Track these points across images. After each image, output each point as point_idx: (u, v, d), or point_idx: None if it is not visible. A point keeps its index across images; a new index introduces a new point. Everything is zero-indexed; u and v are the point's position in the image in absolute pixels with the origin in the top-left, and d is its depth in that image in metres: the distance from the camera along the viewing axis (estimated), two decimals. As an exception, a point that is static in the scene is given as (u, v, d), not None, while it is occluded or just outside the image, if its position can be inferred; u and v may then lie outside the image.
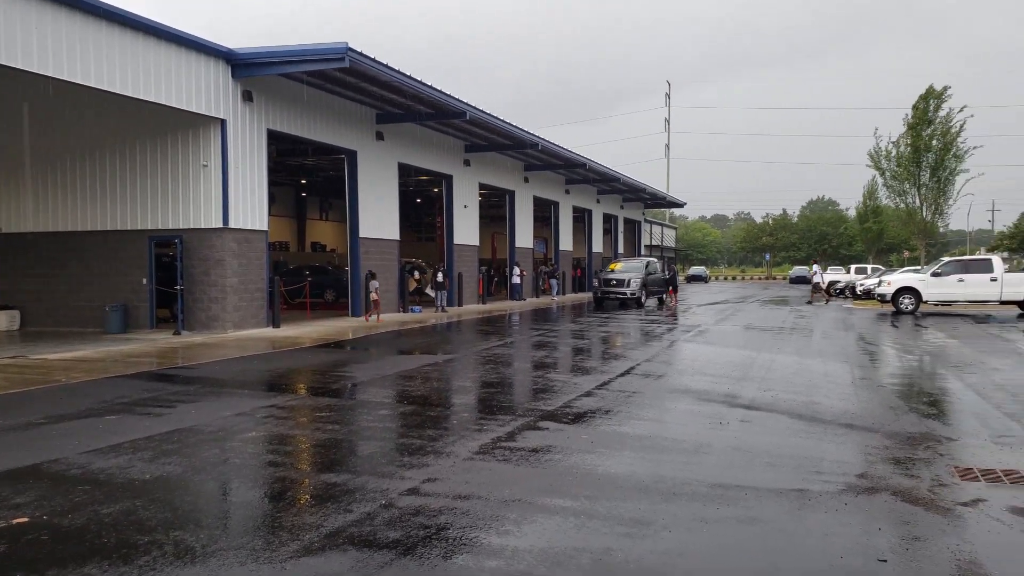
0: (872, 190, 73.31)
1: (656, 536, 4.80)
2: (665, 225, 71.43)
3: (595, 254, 45.61)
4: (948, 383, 11.19)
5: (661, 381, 11.23)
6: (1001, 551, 4.57)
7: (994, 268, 25.03)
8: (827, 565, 4.34)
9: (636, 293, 29.44)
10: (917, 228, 45.20)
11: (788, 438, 7.63)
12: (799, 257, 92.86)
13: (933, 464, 6.54)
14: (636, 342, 17.03)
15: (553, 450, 6.92)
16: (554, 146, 30.96)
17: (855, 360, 13.70)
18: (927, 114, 42.10)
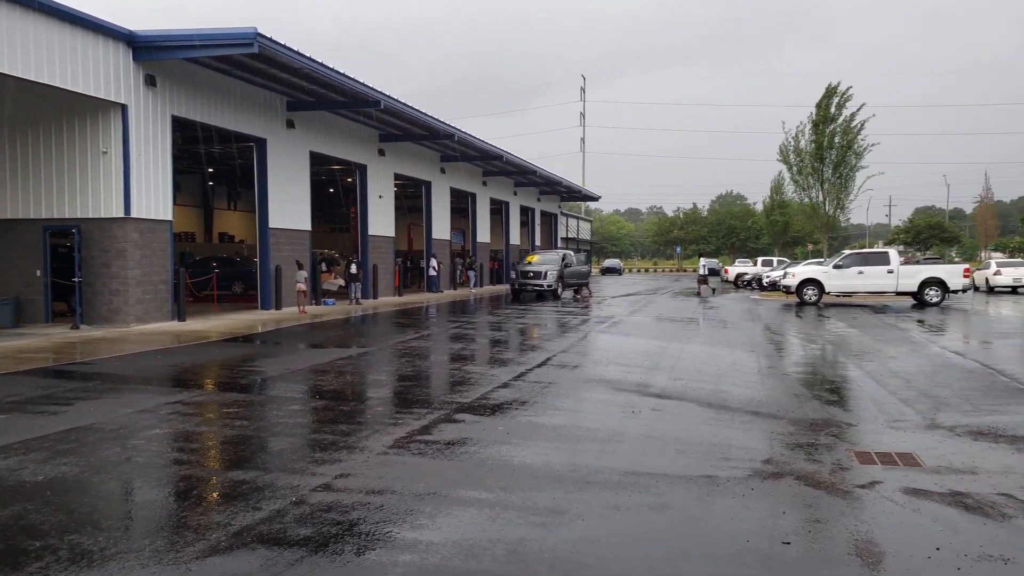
0: (778, 185, 75.86)
1: (570, 525, 4.84)
2: (581, 218, 72.15)
3: (512, 246, 45.77)
4: (848, 371, 11.67)
5: (576, 371, 11.34)
6: (895, 530, 4.78)
7: (891, 261, 26.25)
8: (735, 549, 4.46)
9: (553, 285, 29.66)
10: (820, 222, 46.94)
11: (698, 425, 7.81)
12: (709, 250, 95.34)
13: (834, 449, 6.80)
14: (552, 333, 17.16)
15: (469, 442, 6.89)
16: (471, 137, 30.88)
17: (761, 349, 14.14)
18: (830, 112, 43.76)
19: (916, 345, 14.76)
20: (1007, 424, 7.74)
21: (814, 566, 4.21)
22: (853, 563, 4.24)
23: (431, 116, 26.74)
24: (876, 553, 4.38)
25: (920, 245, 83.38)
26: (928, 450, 6.70)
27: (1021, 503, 5.25)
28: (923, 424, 7.79)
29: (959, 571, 4.14)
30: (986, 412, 8.35)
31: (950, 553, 4.37)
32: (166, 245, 18.23)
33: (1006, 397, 9.28)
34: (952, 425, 7.71)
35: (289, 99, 22.78)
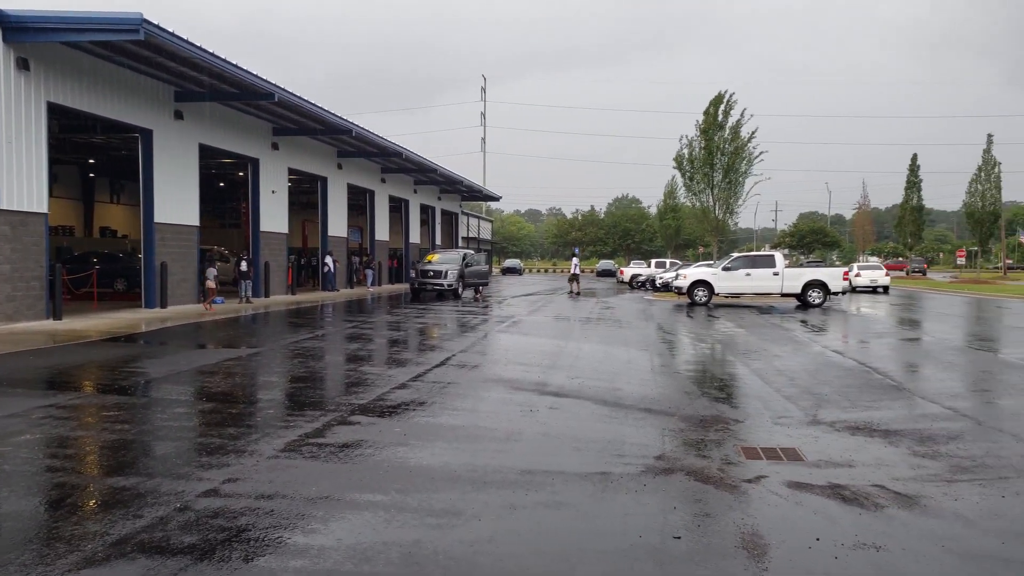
0: (672, 189, 78.23)
1: (466, 525, 4.81)
2: (482, 218, 72.36)
3: (412, 245, 45.42)
4: (736, 369, 12.09)
5: (475, 371, 11.33)
6: (778, 522, 4.97)
7: (776, 264, 27.41)
8: (627, 544, 4.53)
9: (453, 284, 29.59)
10: (711, 225, 48.63)
11: (593, 423, 7.92)
12: (606, 251, 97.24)
13: (722, 445, 7.01)
14: (452, 333, 17.10)
15: (364, 444, 6.77)
16: (369, 133, 30.44)
17: (655, 348, 14.50)
18: (717, 119, 45.39)
19: (799, 344, 15.43)
20: (881, 419, 8.18)
21: (703, 560, 4.33)
22: (740, 556, 4.38)
23: (328, 110, 26.21)
24: (761, 545, 4.54)
25: (804, 249, 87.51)
26: (810, 445, 7.01)
27: (893, 494, 5.54)
28: (806, 420, 8.14)
29: (836, 560, 4.33)
30: (863, 408, 8.80)
31: (829, 543, 4.57)
32: (40, 239, 17.19)
33: (880, 394, 9.81)
34: (832, 421, 8.09)
35: (178, 89, 21.88)
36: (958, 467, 6.30)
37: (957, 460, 6.52)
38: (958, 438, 7.32)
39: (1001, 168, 60.39)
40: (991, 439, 7.31)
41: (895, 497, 5.46)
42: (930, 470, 6.20)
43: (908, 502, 5.36)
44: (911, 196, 67.55)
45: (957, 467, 6.30)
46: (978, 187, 60.88)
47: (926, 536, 4.72)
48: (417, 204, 46.45)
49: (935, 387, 10.40)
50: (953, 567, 4.28)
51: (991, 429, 7.76)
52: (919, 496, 5.50)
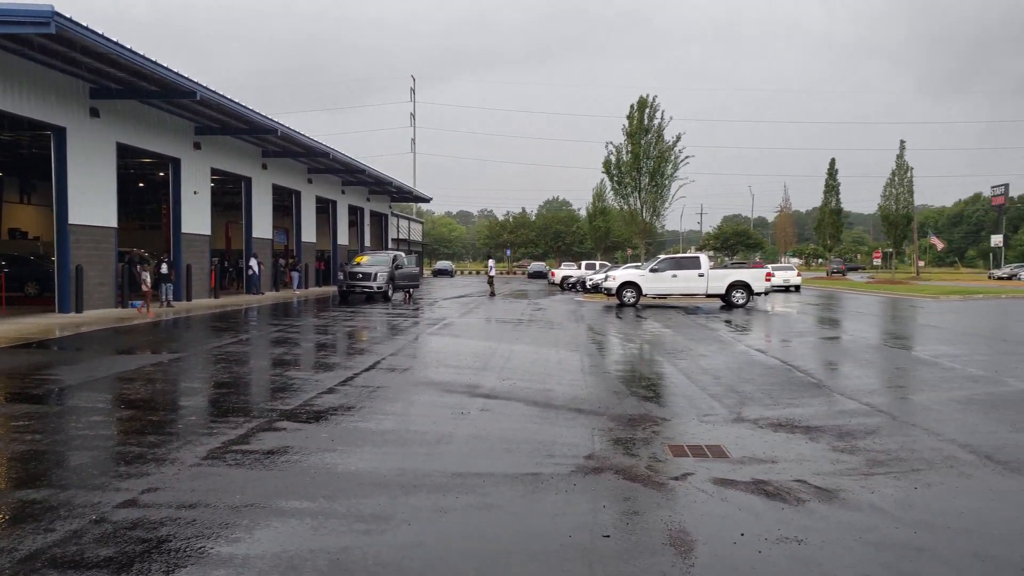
0: (601, 192, 79.04)
1: (395, 530, 4.75)
2: (412, 219, 71.85)
3: (340, 246, 44.81)
4: (663, 368, 12.29)
5: (406, 375, 11.23)
6: (704, 518, 5.06)
7: (701, 265, 27.99)
8: (557, 545, 4.55)
9: (383, 287, 29.28)
10: (638, 228, 49.32)
11: (524, 424, 7.94)
12: (537, 253, 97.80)
13: (650, 443, 7.11)
14: (382, 336, 16.93)
15: (291, 451, 6.63)
16: (295, 133, 29.92)
17: (585, 349, 14.63)
18: (643, 123, 46.12)
19: (724, 344, 15.78)
20: (802, 416, 8.43)
21: (631, 558, 4.37)
22: (667, 552, 4.44)
23: (252, 109, 25.66)
24: (688, 542, 4.61)
25: (728, 251, 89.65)
26: (734, 442, 7.16)
27: (814, 488, 5.71)
28: (730, 418, 8.32)
29: (760, 554, 4.43)
30: (784, 405, 9.04)
31: (753, 537, 4.68)
32: (-55, 241, 16.34)
33: (801, 391, 10.10)
34: (756, 418, 8.29)
35: (93, 86, 21.08)
36: (874, 461, 6.52)
37: (873, 454, 6.75)
38: (874, 433, 7.58)
39: (913, 173, 62.99)
40: (905, 433, 7.60)
41: (816, 491, 5.63)
42: (848, 464, 6.41)
43: (828, 496, 5.53)
44: (830, 199, 69.74)
45: (873, 461, 6.52)
46: (892, 191, 63.29)
47: (844, 528, 4.87)
48: (345, 205, 45.84)
49: (853, 384, 10.76)
50: (869, 557, 4.43)
51: (905, 424, 8.06)
52: (838, 490, 5.67)
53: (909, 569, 4.28)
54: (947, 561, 4.38)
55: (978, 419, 8.27)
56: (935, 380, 11.00)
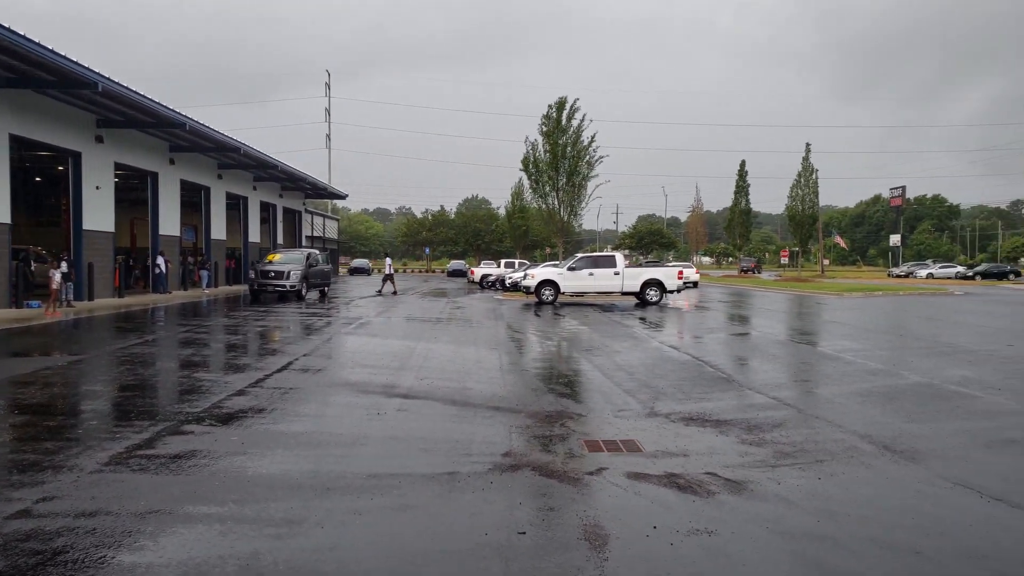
0: (519, 191, 79.49)
1: (308, 534, 4.65)
2: (327, 216, 70.60)
3: (252, 244, 43.68)
4: (580, 365, 12.42)
5: (320, 375, 11.02)
6: (618, 512, 5.13)
7: (617, 264, 28.44)
8: (473, 543, 4.53)
9: (296, 285, 28.68)
10: (556, 227, 49.81)
11: (442, 423, 7.89)
12: (457, 251, 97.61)
13: (567, 439, 7.18)
14: (295, 336, 16.58)
15: (198, 455, 6.42)
16: (205, 127, 29.00)
17: (504, 347, 14.66)
18: (561, 123, 46.60)
19: (638, 340, 16.06)
20: (712, 410, 8.65)
21: (547, 553, 4.40)
22: (582, 547, 4.48)
23: (159, 103, 24.75)
24: (602, 536, 4.67)
25: (643, 249, 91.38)
26: (648, 436, 7.29)
27: (723, 480, 5.86)
28: (644, 412, 8.47)
29: (672, 546, 4.52)
30: (696, 400, 9.26)
31: (665, 530, 4.77)
32: None
33: (711, 385, 10.37)
34: (668, 412, 8.46)
35: (-15, 74, 19.96)
36: (781, 453, 6.74)
37: (780, 446, 6.98)
38: (781, 426, 7.84)
39: (818, 174, 65.56)
40: (810, 426, 7.88)
41: (725, 483, 5.78)
42: (757, 457, 6.61)
43: (737, 488, 5.68)
44: (740, 200, 71.97)
45: (780, 453, 6.74)
46: (798, 192, 65.75)
47: (753, 519, 5.02)
48: (257, 202, 44.72)
49: (761, 378, 11.11)
50: (776, 546, 4.57)
51: (810, 416, 8.36)
52: (747, 481, 5.84)
53: (813, 556, 4.43)
54: (848, 548, 4.56)
55: (877, 411, 8.65)
56: (838, 374, 11.45)
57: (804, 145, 67.73)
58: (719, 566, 4.28)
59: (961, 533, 4.82)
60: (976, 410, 8.70)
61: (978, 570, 4.26)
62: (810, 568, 4.27)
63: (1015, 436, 7.40)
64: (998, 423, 8.02)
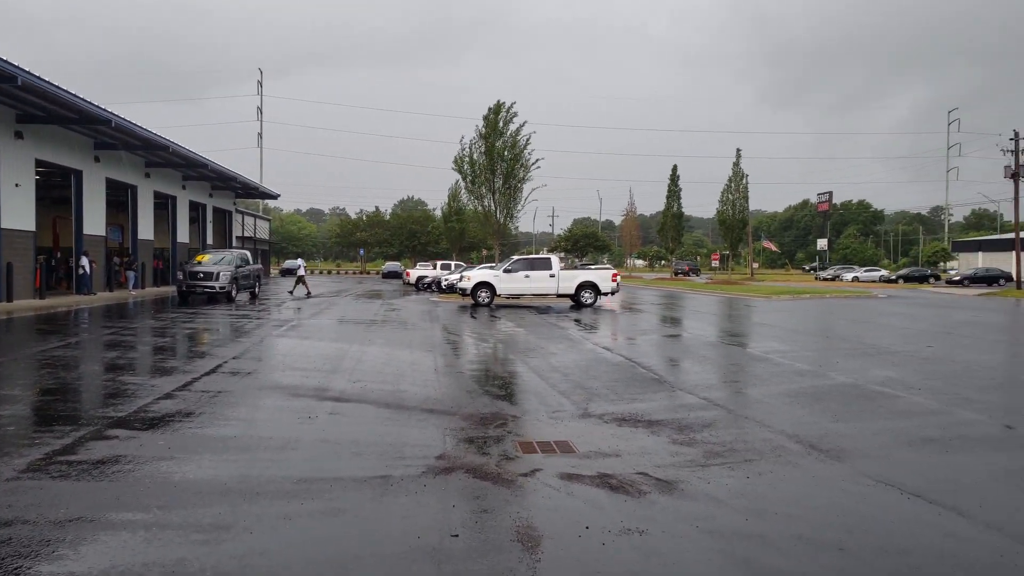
0: (456, 193, 79.33)
1: (236, 539, 4.56)
2: (259, 216, 69.29)
3: (181, 244, 42.58)
4: (515, 367, 12.46)
5: (250, 378, 10.81)
6: (551, 513, 5.17)
7: (552, 266, 28.63)
8: (406, 547, 4.50)
9: (226, 287, 28.07)
10: (493, 229, 49.88)
11: (375, 427, 7.82)
12: (392, 253, 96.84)
13: (501, 441, 7.19)
14: (225, 339, 16.22)
15: (123, 460, 6.23)
16: (132, 125, 28.16)
17: (439, 349, 14.61)
18: (498, 126, 46.72)
19: (573, 342, 16.19)
20: (644, 410, 8.77)
21: (480, 556, 4.40)
22: (515, 549, 4.50)
23: (84, 98, 23.94)
24: (535, 537, 4.69)
25: (578, 252, 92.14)
26: (581, 437, 7.36)
27: (655, 480, 5.95)
28: (578, 413, 8.55)
29: (604, 546, 4.57)
30: (628, 400, 9.38)
31: (597, 530, 4.81)
32: None
33: (644, 386, 10.52)
34: (601, 413, 8.55)
35: None
36: (711, 452, 6.88)
37: (710, 446, 7.12)
38: (711, 426, 8.00)
39: (749, 179, 67.19)
40: (739, 426, 8.06)
41: (656, 483, 5.87)
42: (687, 456, 6.73)
43: (668, 487, 5.78)
44: (672, 204, 73.21)
45: (710, 452, 6.88)
46: (729, 196, 67.29)
47: (683, 518, 5.11)
48: (186, 201, 43.62)
49: (692, 379, 11.32)
50: (706, 545, 4.66)
51: (739, 416, 8.55)
52: (677, 481, 5.94)
53: (742, 555, 4.53)
54: (775, 545, 4.68)
55: (804, 411, 8.90)
56: (766, 375, 11.74)
57: (735, 151, 69.33)
58: (650, 565, 4.35)
59: (883, 530, 4.99)
60: (898, 410, 9.02)
61: (898, 565, 4.42)
62: (739, 566, 4.37)
63: (933, 435, 7.69)
64: (918, 422, 8.33)
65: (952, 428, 7.97)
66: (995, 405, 9.40)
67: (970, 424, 8.19)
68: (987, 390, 10.45)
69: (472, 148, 47.83)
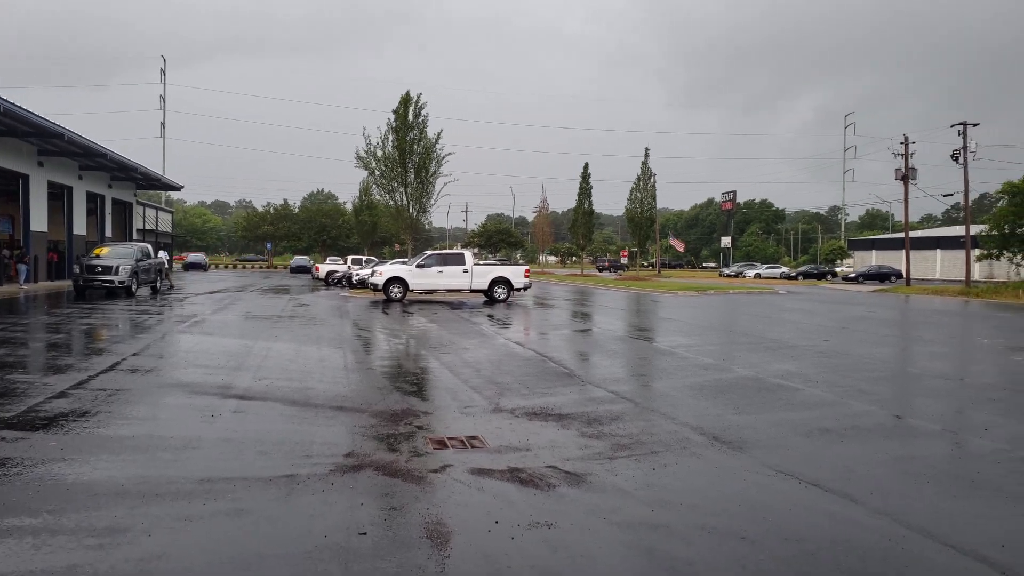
0: (367, 186, 78.27)
1: (134, 543, 4.39)
2: (161, 208, 66.73)
3: (77, 237, 40.62)
4: (428, 363, 12.40)
5: (150, 376, 10.41)
6: (461, 509, 5.17)
7: (466, 261, 28.62)
8: (312, 546, 4.43)
9: (126, 281, 26.95)
10: (405, 224, 49.41)
11: (281, 425, 7.65)
12: (300, 247, 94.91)
13: (412, 437, 7.14)
14: (124, 335, 15.58)
15: (10, 463, 5.91)
16: (21, 110, 26.68)
17: (349, 345, 14.40)
18: (408, 119, 46.30)
19: (486, 337, 16.23)
20: (555, 404, 8.87)
21: (387, 553, 4.36)
22: (424, 546, 4.48)
23: (-31, 80, 22.54)
24: (444, 533, 4.68)
25: (491, 248, 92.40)
26: (492, 432, 7.38)
27: (564, 473, 6.02)
28: (489, 408, 8.57)
29: (513, 540, 4.60)
30: (539, 395, 9.47)
31: (507, 525, 4.84)
32: None
33: (554, 380, 10.63)
34: (513, 408, 8.60)
35: None
36: (619, 445, 7.01)
37: (618, 439, 7.25)
38: (619, 419, 8.15)
39: (657, 178, 68.64)
40: (645, 419, 8.24)
41: (565, 476, 5.94)
42: (595, 449, 6.84)
43: (576, 480, 5.86)
44: (583, 201, 74.04)
45: (618, 445, 7.01)
46: (637, 195, 68.53)
47: (591, 511, 5.19)
48: (83, 192, 41.64)
49: (601, 373, 11.51)
50: (612, 536, 4.75)
51: (646, 409, 8.75)
52: (586, 474, 6.03)
53: (648, 545, 4.63)
54: (680, 535, 4.80)
55: (708, 403, 9.16)
56: (672, 368, 12.04)
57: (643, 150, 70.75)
58: (558, 558, 4.40)
59: (781, 518, 5.18)
60: (796, 401, 9.39)
61: (795, 552, 4.60)
62: (644, 556, 4.47)
63: (829, 425, 8.04)
64: (815, 413, 8.69)
65: (846, 419, 8.35)
66: (886, 396, 9.90)
67: (863, 415, 8.60)
68: (879, 382, 10.99)
69: (384, 141, 47.25)
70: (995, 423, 8.21)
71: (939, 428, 8.00)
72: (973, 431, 7.88)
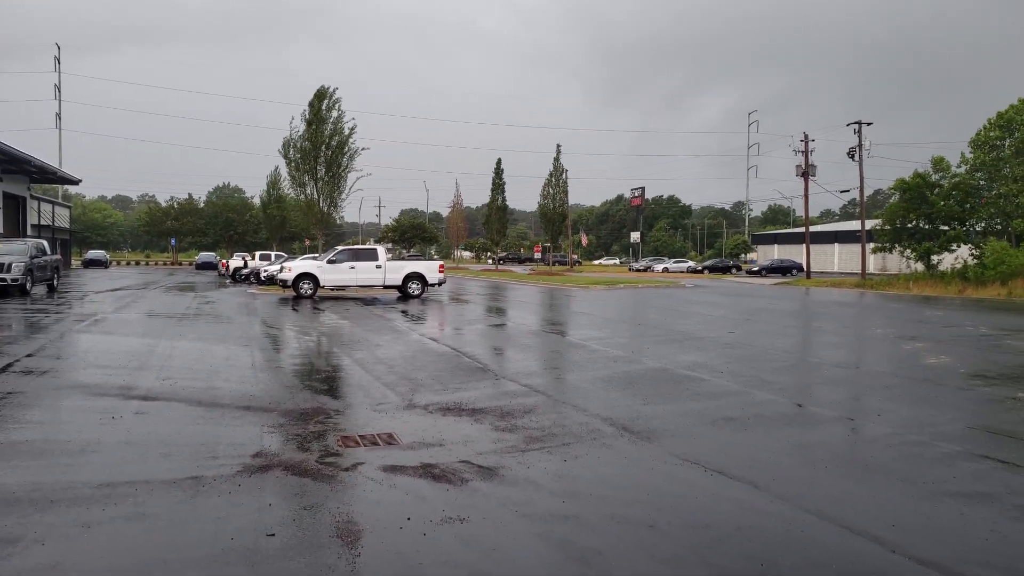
0: (276, 180, 76.54)
1: (26, 553, 4.20)
2: (57, 203, 63.61)
3: (-38, 233, 38.36)
4: (339, 360, 12.23)
5: (46, 378, 9.93)
6: (373, 506, 5.13)
7: (379, 257, 28.32)
8: (218, 549, 4.32)
9: (19, 279, 25.56)
10: (316, 218, 48.53)
11: (186, 426, 7.43)
12: (206, 243, 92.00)
13: (323, 436, 7.04)
14: (18, 335, 14.80)
15: None
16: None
17: (257, 344, 14.07)
18: (321, 112, 45.51)
19: (400, 333, 16.11)
20: (468, 399, 8.89)
21: (296, 554, 4.29)
22: (334, 545, 4.43)
23: None
24: (355, 532, 4.64)
25: (405, 243, 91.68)
26: (406, 428, 7.35)
27: (477, 467, 6.05)
28: (403, 405, 8.52)
29: (425, 536, 4.60)
30: (453, 390, 9.47)
31: (419, 520, 4.83)
32: None
33: (468, 375, 10.65)
34: (426, 404, 8.58)
35: None
36: (531, 438, 7.08)
37: (530, 432, 7.32)
38: (532, 412, 8.23)
39: (568, 174, 69.42)
40: (558, 411, 8.34)
41: (478, 470, 5.97)
42: (508, 443, 6.89)
43: (489, 474, 5.89)
44: (497, 197, 74.27)
45: (530, 438, 7.08)
46: (550, 191, 69.21)
47: (504, 504, 5.23)
48: (-30, 185, 39.35)
49: (515, 367, 11.59)
50: (524, 529, 4.80)
51: (558, 402, 8.86)
52: (498, 467, 6.07)
53: (559, 536, 4.70)
54: (590, 526, 4.89)
55: (618, 395, 9.34)
56: (584, 361, 12.22)
57: (555, 146, 71.43)
58: (470, 552, 4.42)
59: (687, 505, 5.34)
60: (702, 392, 9.68)
61: (701, 538, 4.74)
62: (556, 547, 4.53)
63: (734, 414, 8.31)
64: (720, 403, 8.97)
65: (750, 408, 8.65)
66: (787, 385, 10.30)
67: (766, 404, 8.92)
68: (781, 372, 11.43)
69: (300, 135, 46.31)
70: (887, 409, 8.66)
71: (836, 415, 8.38)
72: (867, 417, 8.28)
